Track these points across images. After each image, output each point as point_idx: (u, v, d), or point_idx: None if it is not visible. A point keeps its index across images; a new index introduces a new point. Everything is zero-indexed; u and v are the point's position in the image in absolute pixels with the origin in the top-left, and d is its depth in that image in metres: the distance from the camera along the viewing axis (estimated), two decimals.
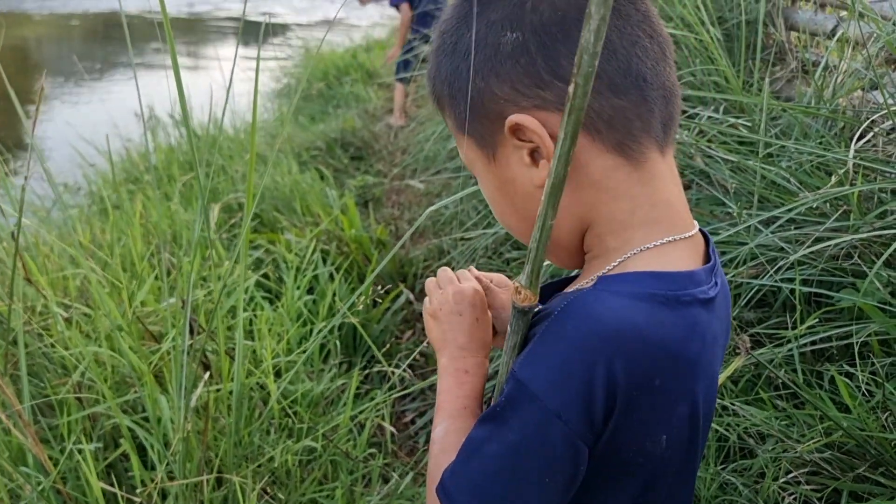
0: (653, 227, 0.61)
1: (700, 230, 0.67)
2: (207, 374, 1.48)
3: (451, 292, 0.77)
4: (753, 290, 1.72)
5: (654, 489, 0.63)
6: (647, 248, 0.61)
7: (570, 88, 0.46)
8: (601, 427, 0.56)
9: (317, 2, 17.42)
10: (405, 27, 5.14)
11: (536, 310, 0.60)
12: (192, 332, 1.54)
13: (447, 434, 0.69)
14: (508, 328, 0.59)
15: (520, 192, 0.64)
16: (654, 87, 0.60)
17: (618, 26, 0.60)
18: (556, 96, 0.59)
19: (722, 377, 1.41)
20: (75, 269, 1.75)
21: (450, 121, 0.68)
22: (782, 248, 1.70)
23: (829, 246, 1.64)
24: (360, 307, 2.16)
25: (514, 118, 0.59)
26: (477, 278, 0.81)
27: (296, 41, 8.79)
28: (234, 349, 1.56)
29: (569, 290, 0.66)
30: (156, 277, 1.84)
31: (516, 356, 0.59)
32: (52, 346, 1.64)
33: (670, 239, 0.61)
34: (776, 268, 1.66)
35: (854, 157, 1.67)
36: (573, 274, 0.77)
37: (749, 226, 1.70)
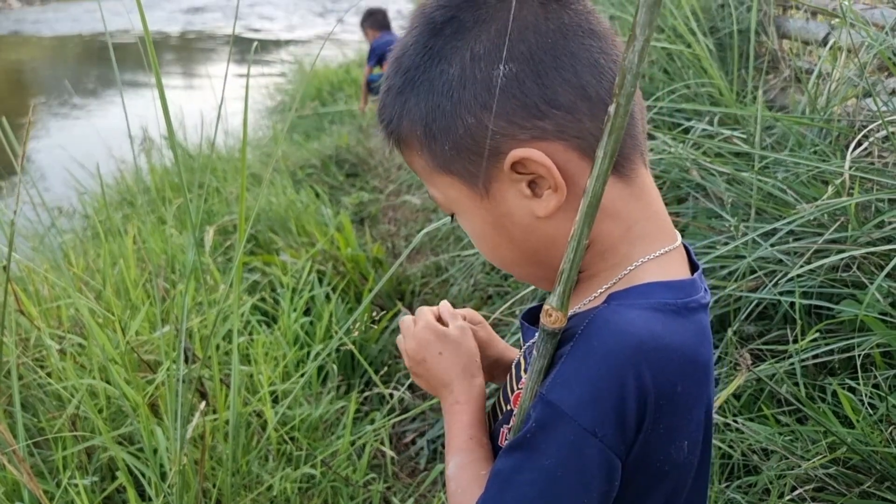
0: (649, 240, 0.63)
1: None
2: (203, 403, 1.47)
3: (409, 348, 0.76)
4: (753, 304, 1.70)
5: (677, 497, 0.63)
6: (648, 259, 0.62)
7: (611, 108, 0.46)
8: (633, 439, 0.57)
9: (310, 18, 17.50)
10: (365, 86, 5.44)
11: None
12: (187, 360, 1.52)
13: (461, 469, 0.68)
14: (535, 352, 0.57)
15: (518, 225, 0.63)
16: (636, 103, 0.61)
17: (601, 48, 0.61)
18: (554, 125, 0.59)
19: (724, 394, 1.40)
20: (68, 298, 1.73)
21: (420, 161, 0.65)
22: (781, 261, 1.69)
23: (828, 258, 1.63)
24: (356, 334, 2.14)
25: (519, 153, 0.59)
26: (453, 315, 0.80)
27: (289, 58, 8.81)
28: (230, 376, 1.54)
29: (579, 310, 0.65)
30: (151, 304, 1.83)
31: (542, 380, 0.58)
32: (48, 375, 1.63)
33: (666, 250, 0.63)
34: (775, 281, 1.65)
35: (850, 168, 1.66)
36: None
37: (747, 239, 1.69)
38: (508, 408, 0.71)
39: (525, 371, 0.69)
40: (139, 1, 1.15)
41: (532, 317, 0.75)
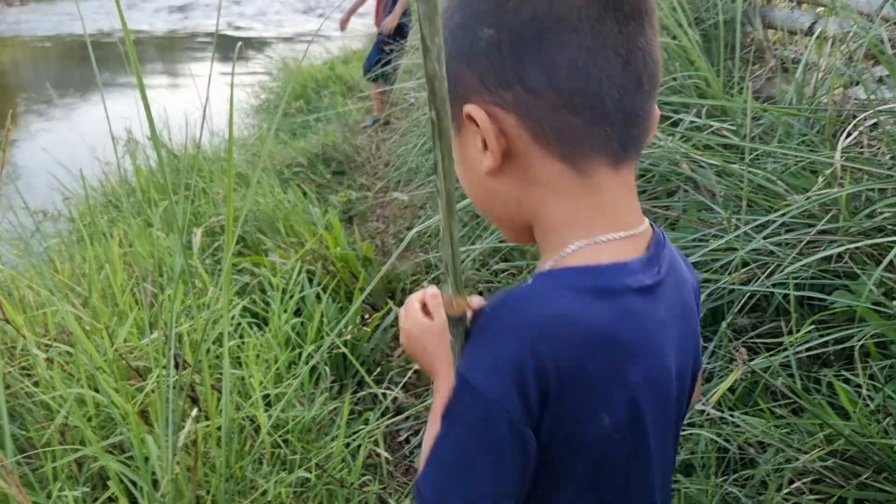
0: (590, 229, 0.64)
1: (651, 226, 0.69)
2: (195, 410, 1.45)
3: (403, 342, 0.79)
4: (746, 296, 1.70)
5: (604, 471, 0.65)
6: (584, 245, 0.64)
7: (433, 115, 0.51)
8: (539, 411, 0.60)
9: (293, 16, 17.40)
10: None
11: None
12: (177, 365, 1.50)
13: (426, 441, 0.70)
14: (450, 337, 0.64)
15: (473, 172, 0.67)
16: (615, 112, 0.62)
17: (590, 48, 0.60)
18: (515, 100, 0.62)
19: (721, 389, 1.40)
20: (54, 306, 1.70)
21: None
22: (773, 252, 1.68)
23: (820, 250, 1.63)
24: (348, 336, 2.12)
25: (470, 108, 0.63)
26: (438, 305, 0.80)
27: (274, 56, 8.74)
28: (221, 381, 1.52)
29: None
30: (139, 309, 1.80)
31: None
32: (36, 384, 1.60)
33: (610, 237, 0.64)
34: (768, 273, 1.65)
35: (840, 158, 1.66)
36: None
37: (739, 233, 1.68)
38: None
39: None
40: (118, 1, 1.13)
41: None
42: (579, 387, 0.60)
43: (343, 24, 5.47)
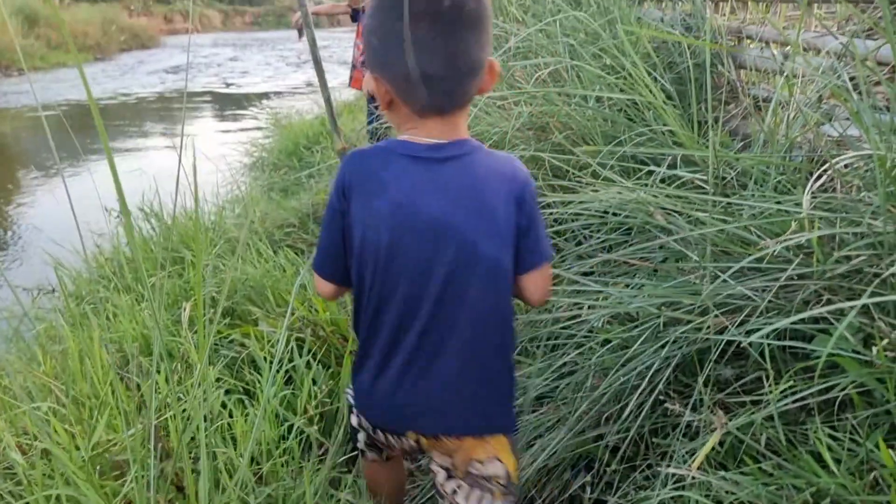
0: (411, 131, 1.24)
1: (465, 143, 1.25)
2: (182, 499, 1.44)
3: None
4: (723, 345, 1.69)
5: (365, 253, 1.23)
6: (405, 136, 1.24)
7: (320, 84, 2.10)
8: (346, 203, 1.23)
9: (285, 69, 17.65)
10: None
11: None
12: (157, 450, 1.50)
13: None
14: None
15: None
16: (438, 88, 1.17)
17: (415, 51, 1.13)
18: (384, 76, 1.20)
19: (701, 454, 1.38)
20: (35, 402, 1.70)
21: None
22: (749, 298, 1.68)
23: (798, 294, 1.62)
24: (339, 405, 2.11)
25: (366, 73, 1.25)
26: None
27: (265, 112, 8.84)
28: (212, 464, 1.51)
29: None
30: (120, 400, 1.79)
31: None
32: (19, 483, 1.59)
33: (417, 139, 1.23)
34: (741, 319, 1.64)
35: (811, 204, 1.66)
36: None
37: (716, 283, 1.68)
38: None
39: None
40: (83, 73, 1.17)
41: None
42: (359, 194, 1.22)
43: (297, 24, 5.37)
